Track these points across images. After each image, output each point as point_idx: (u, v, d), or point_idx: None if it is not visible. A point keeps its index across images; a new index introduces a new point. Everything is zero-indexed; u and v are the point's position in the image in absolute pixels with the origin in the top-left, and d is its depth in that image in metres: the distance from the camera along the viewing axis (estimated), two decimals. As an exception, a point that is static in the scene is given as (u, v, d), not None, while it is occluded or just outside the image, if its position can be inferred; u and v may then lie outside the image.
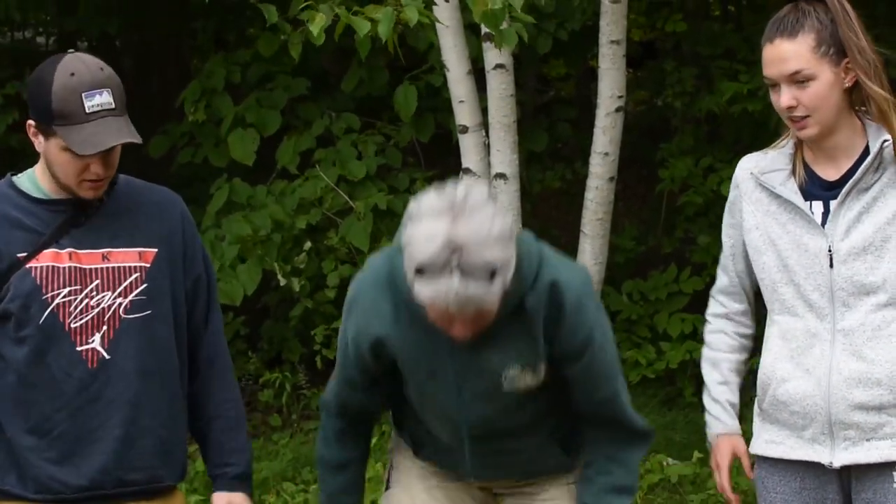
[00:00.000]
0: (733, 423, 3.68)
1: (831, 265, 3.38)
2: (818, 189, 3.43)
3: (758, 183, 3.48)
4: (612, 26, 7.49)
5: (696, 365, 8.03)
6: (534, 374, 3.26)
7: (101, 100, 3.29)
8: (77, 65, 3.33)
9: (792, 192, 3.43)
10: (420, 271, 2.95)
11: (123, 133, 3.30)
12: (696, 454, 6.96)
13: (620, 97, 7.57)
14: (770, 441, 3.53)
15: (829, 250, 3.38)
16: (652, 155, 9.61)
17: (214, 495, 3.58)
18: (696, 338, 8.12)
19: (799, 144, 3.48)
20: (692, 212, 8.67)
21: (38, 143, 3.38)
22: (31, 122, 3.38)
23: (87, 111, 3.27)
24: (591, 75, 9.92)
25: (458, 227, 2.93)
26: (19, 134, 8.89)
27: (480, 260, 2.93)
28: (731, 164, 8.36)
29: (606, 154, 7.55)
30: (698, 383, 8.26)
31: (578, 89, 11.73)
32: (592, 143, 7.62)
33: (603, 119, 7.56)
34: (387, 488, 3.67)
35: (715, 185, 8.39)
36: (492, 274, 2.96)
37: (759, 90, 8.27)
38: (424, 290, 2.97)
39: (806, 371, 3.41)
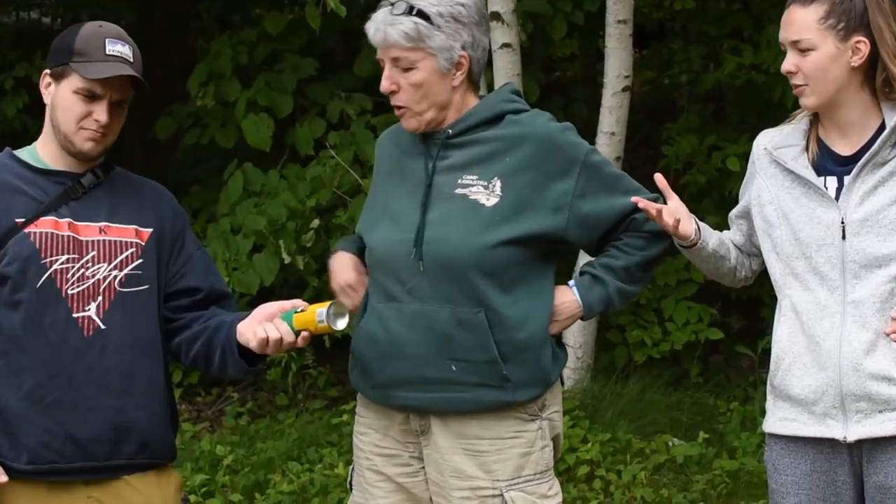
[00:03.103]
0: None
1: (844, 237, 3.39)
2: (832, 164, 3.45)
3: (772, 158, 3.52)
4: (619, 5, 7.47)
5: (702, 346, 8.09)
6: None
7: (123, 49, 3.43)
8: (107, 23, 3.50)
9: (803, 166, 3.46)
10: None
11: (129, 70, 3.40)
12: (702, 435, 6.97)
13: (627, 77, 7.56)
14: (783, 419, 3.50)
15: (842, 222, 3.39)
16: (658, 135, 9.59)
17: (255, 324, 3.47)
18: (702, 322, 8.12)
19: (815, 120, 3.51)
20: (696, 190, 8.65)
21: (48, 93, 3.46)
22: (46, 71, 3.48)
23: (107, 53, 3.40)
24: (597, 55, 9.89)
25: None
26: (24, 116, 8.89)
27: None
28: (737, 142, 8.38)
29: (613, 134, 7.55)
30: (704, 364, 8.31)
31: (584, 69, 11.70)
32: (598, 122, 7.61)
33: (609, 99, 7.55)
34: (350, 490, 3.79)
35: (719, 162, 8.36)
36: (407, 9, 3.51)
37: (763, 64, 8.24)
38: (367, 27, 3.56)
39: (817, 344, 3.42)
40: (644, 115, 10.46)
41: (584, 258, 7.25)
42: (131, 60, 3.43)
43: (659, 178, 3.55)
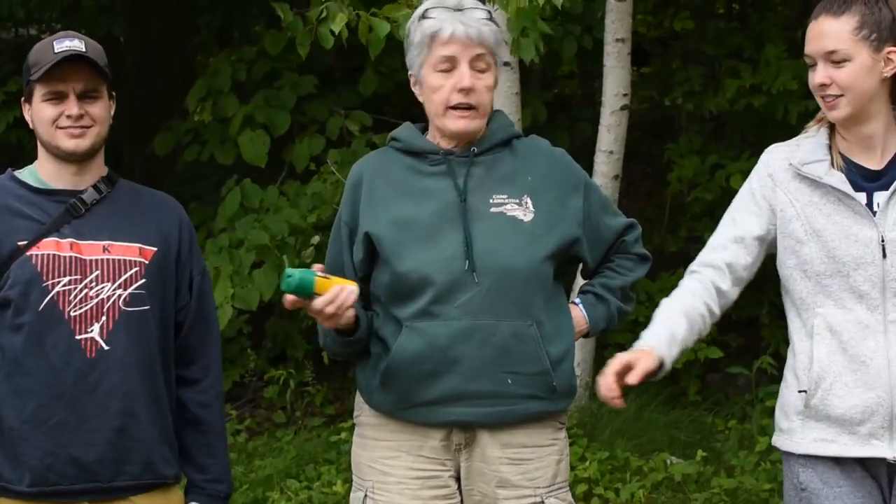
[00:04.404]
0: (655, 343, 3.41)
1: (884, 255, 3.33)
2: (861, 180, 3.39)
3: (796, 174, 3.43)
4: (617, 24, 7.49)
5: (701, 364, 8.09)
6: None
7: (71, 43, 3.42)
8: (61, 32, 3.51)
9: (840, 181, 3.38)
10: (423, 15, 3.57)
11: (68, 52, 3.38)
12: (700, 453, 6.97)
13: (625, 95, 7.57)
14: (821, 440, 3.41)
15: (882, 240, 3.33)
16: (656, 153, 9.60)
17: None
18: (700, 338, 8.11)
19: (832, 134, 3.45)
20: (699, 210, 8.66)
21: (29, 118, 3.48)
22: (23, 100, 3.50)
23: (55, 51, 3.39)
24: (596, 73, 9.92)
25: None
26: (19, 130, 8.91)
27: (474, 5, 3.59)
28: (738, 160, 8.39)
29: (611, 152, 7.56)
30: (702, 382, 8.31)
31: (583, 87, 11.72)
32: (597, 141, 7.62)
33: (608, 117, 7.56)
34: None
35: (723, 181, 8.37)
36: (488, 17, 3.58)
37: (763, 85, 8.25)
38: (431, 23, 3.54)
39: (862, 364, 3.35)
40: (643, 132, 10.48)
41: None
42: (84, 51, 3.41)
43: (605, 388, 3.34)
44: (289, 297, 3.38)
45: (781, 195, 3.45)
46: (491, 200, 3.56)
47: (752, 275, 3.53)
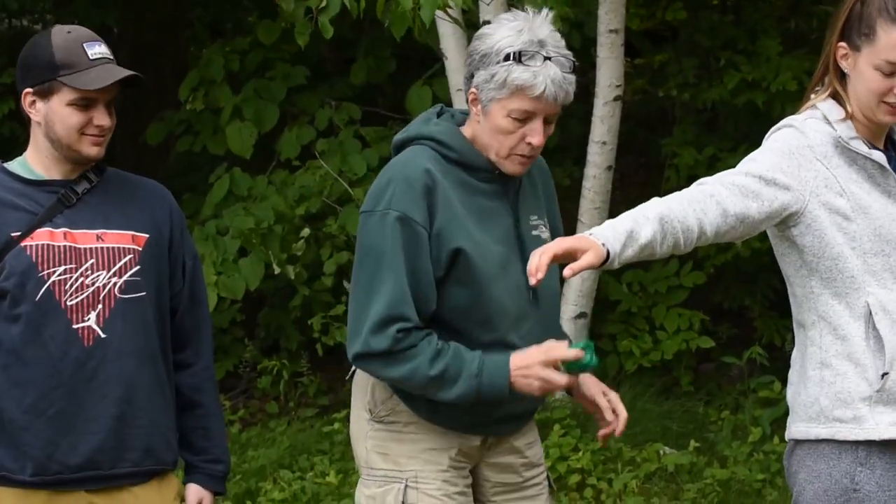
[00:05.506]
0: (610, 237, 3.10)
1: None
2: None
3: (838, 147, 3.34)
4: (610, 15, 7.49)
5: (693, 355, 8.11)
6: None
7: (101, 49, 3.42)
8: (70, 26, 3.50)
9: (883, 159, 3.35)
10: (518, 57, 3.30)
11: (126, 71, 3.40)
12: (693, 443, 6.98)
13: (619, 86, 7.57)
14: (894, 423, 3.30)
15: None
16: (650, 144, 9.60)
17: (191, 487, 3.60)
18: (693, 330, 8.14)
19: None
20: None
21: (36, 111, 3.44)
22: (27, 90, 3.45)
23: (91, 58, 3.39)
24: (589, 64, 9.90)
25: (536, 29, 3.34)
26: (12, 122, 8.90)
27: (563, 52, 3.35)
28: (735, 153, 8.38)
29: (604, 143, 7.56)
30: (695, 373, 8.33)
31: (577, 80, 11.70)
32: (590, 132, 7.63)
33: (601, 108, 7.57)
34: None
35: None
36: (572, 68, 3.36)
37: (763, 82, 8.25)
38: (524, 75, 3.31)
39: None
40: (636, 123, 10.48)
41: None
42: (112, 58, 3.42)
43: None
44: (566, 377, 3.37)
45: (822, 169, 3.32)
46: (531, 222, 3.54)
47: (756, 230, 3.33)
